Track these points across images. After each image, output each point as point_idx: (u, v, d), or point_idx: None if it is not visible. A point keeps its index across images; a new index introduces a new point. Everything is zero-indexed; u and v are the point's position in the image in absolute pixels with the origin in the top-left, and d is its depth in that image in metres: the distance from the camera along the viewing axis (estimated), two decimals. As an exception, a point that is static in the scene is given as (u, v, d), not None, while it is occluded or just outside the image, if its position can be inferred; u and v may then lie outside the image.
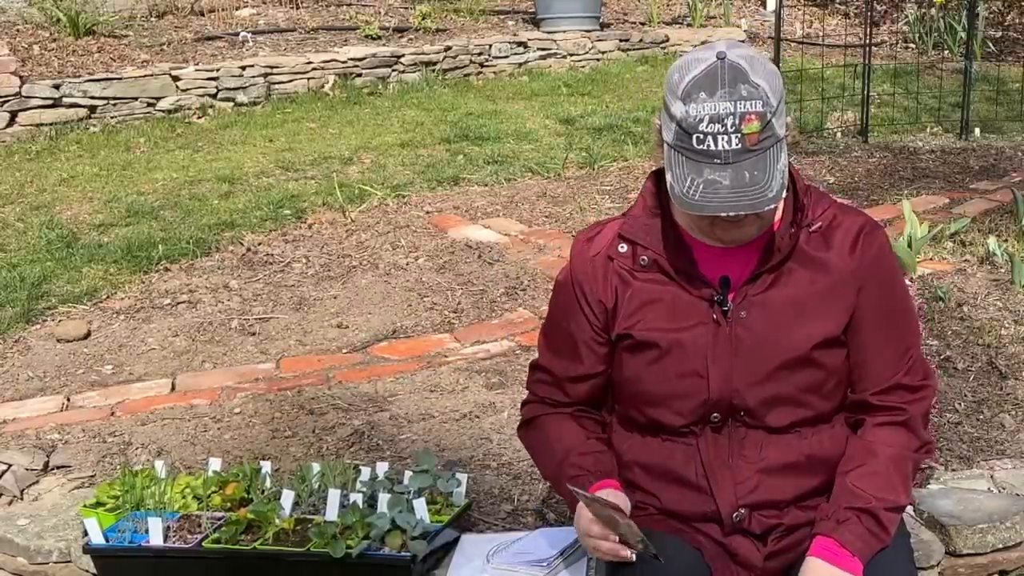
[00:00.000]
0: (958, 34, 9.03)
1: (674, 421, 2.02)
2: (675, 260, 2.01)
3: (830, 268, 2.00)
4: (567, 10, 9.33)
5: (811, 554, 1.93)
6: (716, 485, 2.00)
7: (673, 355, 1.99)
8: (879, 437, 2.01)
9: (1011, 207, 4.84)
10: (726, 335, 1.98)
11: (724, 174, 1.81)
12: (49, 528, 2.73)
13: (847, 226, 2.03)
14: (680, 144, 1.84)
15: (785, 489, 2.00)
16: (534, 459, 2.27)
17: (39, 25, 8.51)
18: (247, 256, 4.79)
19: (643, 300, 2.03)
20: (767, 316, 1.98)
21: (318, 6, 9.96)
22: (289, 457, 3.06)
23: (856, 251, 2.01)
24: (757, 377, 1.97)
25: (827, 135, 6.66)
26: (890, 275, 2.06)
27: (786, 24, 8.76)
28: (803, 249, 2.00)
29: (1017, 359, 3.52)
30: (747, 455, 2.00)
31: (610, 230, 2.09)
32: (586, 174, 5.96)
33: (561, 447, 2.11)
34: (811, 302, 1.99)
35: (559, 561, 2.33)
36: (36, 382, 3.73)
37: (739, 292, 1.99)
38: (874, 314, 2.01)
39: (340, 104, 7.85)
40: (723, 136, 1.80)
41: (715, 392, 1.98)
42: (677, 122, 1.83)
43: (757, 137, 1.81)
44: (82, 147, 6.92)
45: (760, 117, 1.80)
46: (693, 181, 1.82)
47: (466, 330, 3.95)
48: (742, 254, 2.00)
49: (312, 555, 2.36)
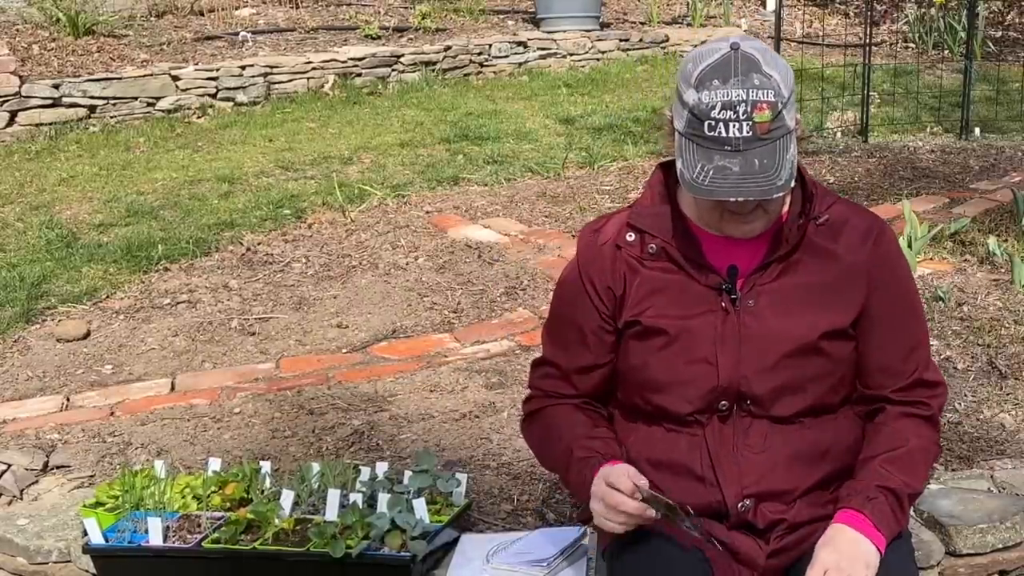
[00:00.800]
0: (958, 34, 9.03)
1: (681, 408, 2.02)
2: (683, 249, 2.02)
3: (839, 259, 2.01)
4: (567, 10, 9.34)
5: (837, 521, 1.93)
6: (722, 475, 2.00)
7: (681, 342, 2.00)
8: (907, 427, 2.02)
9: (1011, 207, 4.84)
10: (734, 323, 1.98)
11: (734, 161, 1.83)
12: (49, 528, 2.73)
13: (855, 222, 2.04)
14: (691, 131, 1.86)
15: (790, 479, 2.01)
16: (537, 449, 2.24)
17: (39, 25, 8.51)
18: (247, 256, 4.79)
19: (651, 288, 2.03)
20: (775, 304, 1.99)
21: (318, 6, 9.96)
22: (289, 457, 3.06)
23: (866, 246, 2.02)
24: (765, 365, 1.98)
25: (827, 135, 6.66)
26: (903, 271, 2.09)
27: (786, 24, 8.76)
28: (811, 240, 2.01)
29: (1017, 359, 3.52)
30: (752, 445, 2.00)
31: (617, 220, 2.10)
32: (586, 174, 5.96)
33: (569, 433, 2.10)
34: (819, 292, 2.00)
35: (559, 561, 2.33)
36: (36, 382, 3.73)
37: (747, 281, 2.00)
38: (889, 310, 2.03)
39: (340, 104, 7.85)
40: (735, 123, 1.82)
41: (724, 379, 1.98)
42: (689, 109, 1.85)
43: (768, 126, 1.82)
44: (82, 147, 6.92)
45: (771, 107, 1.82)
46: (703, 167, 1.84)
47: (466, 330, 3.95)
48: (750, 245, 2.02)
49: (312, 555, 2.35)
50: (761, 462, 2.00)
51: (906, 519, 2.00)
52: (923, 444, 2.02)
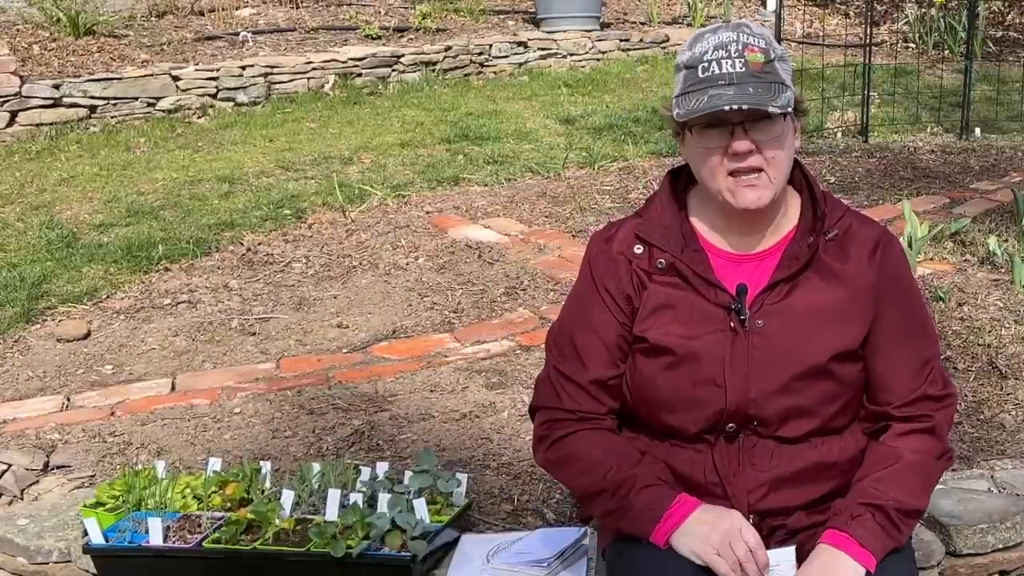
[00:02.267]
0: (958, 34, 9.03)
1: (688, 428, 1.99)
2: (692, 264, 1.99)
3: (848, 279, 1.98)
4: (567, 10, 9.34)
5: (821, 541, 1.92)
6: (727, 491, 1.98)
7: (689, 363, 1.97)
8: (903, 444, 1.99)
9: (1011, 207, 4.84)
10: (743, 344, 1.95)
11: (728, 90, 1.86)
12: (49, 528, 2.73)
13: (863, 237, 2.01)
14: (688, 83, 1.90)
15: (794, 497, 2.00)
16: (570, 474, 2.08)
17: (39, 25, 8.51)
18: (247, 256, 4.80)
19: (658, 303, 2.00)
20: (785, 325, 1.96)
21: (318, 6, 9.96)
22: (289, 457, 3.06)
23: (875, 263, 2.00)
24: (774, 387, 1.95)
25: (827, 135, 6.66)
26: (909, 286, 2.05)
27: (786, 24, 8.76)
28: (821, 259, 1.98)
29: (1017, 359, 3.52)
30: (757, 464, 1.98)
31: (626, 230, 2.06)
32: (586, 174, 5.96)
33: (616, 458, 2.00)
34: (829, 312, 1.97)
35: (559, 561, 2.33)
36: (36, 382, 3.73)
37: (756, 300, 1.97)
38: (895, 327, 2.01)
39: (340, 104, 7.85)
40: (727, 60, 1.87)
41: (732, 401, 1.95)
42: (683, 66, 1.91)
43: (761, 67, 1.87)
44: (82, 147, 6.92)
45: (764, 52, 1.89)
46: (698, 100, 1.88)
47: (466, 330, 3.95)
48: (759, 262, 2.00)
49: (312, 555, 2.35)
50: (766, 480, 1.98)
51: (904, 534, 1.95)
52: (918, 459, 1.98)
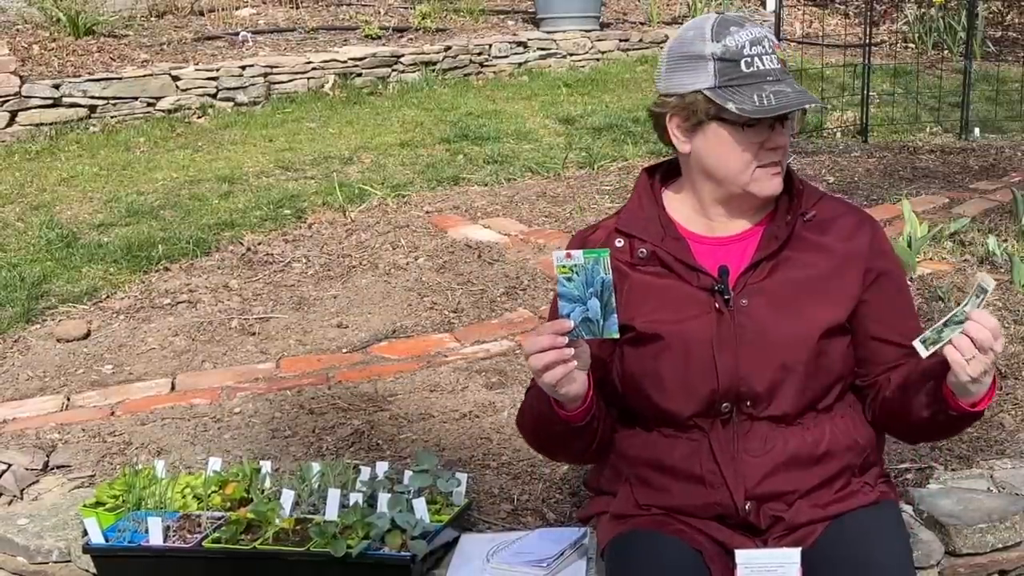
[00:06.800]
0: (958, 34, 9.03)
1: (682, 411, 2.01)
2: (673, 251, 2.02)
3: (830, 250, 2.02)
4: (567, 10, 9.34)
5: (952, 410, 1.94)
6: (728, 476, 1.99)
7: (678, 346, 1.99)
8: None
9: (1011, 207, 4.84)
10: (729, 324, 1.98)
11: (785, 88, 1.93)
12: (49, 528, 2.73)
13: (844, 218, 2.06)
14: (727, 78, 1.92)
15: (791, 481, 2.01)
16: (527, 428, 2.14)
17: (39, 25, 8.51)
18: (247, 256, 4.80)
19: (643, 292, 2.03)
20: (769, 303, 1.99)
21: (318, 6, 9.96)
22: (289, 457, 3.06)
23: (856, 238, 2.04)
24: (763, 364, 1.97)
25: (827, 135, 6.66)
26: (894, 263, 2.10)
27: (786, 24, 8.76)
28: (800, 235, 2.02)
29: (1017, 359, 3.52)
30: (752, 448, 2.00)
31: (605, 228, 2.11)
32: (586, 174, 5.96)
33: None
34: (812, 286, 2.00)
35: (559, 561, 2.33)
36: (36, 382, 3.73)
37: (739, 281, 2.00)
38: (884, 303, 2.04)
39: (340, 104, 7.85)
40: (766, 56, 1.94)
41: (724, 381, 1.98)
42: (717, 58, 1.93)
43: (783, 63, 1.97)
44: (82, 147, 6.92)
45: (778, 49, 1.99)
46: (760, 96, 1.91)
47: (466, 330, 3.95)
48: (739, 245, 2.03)
49: (312, 555, 2.36)
50: (761, 465, 2.00)
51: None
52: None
